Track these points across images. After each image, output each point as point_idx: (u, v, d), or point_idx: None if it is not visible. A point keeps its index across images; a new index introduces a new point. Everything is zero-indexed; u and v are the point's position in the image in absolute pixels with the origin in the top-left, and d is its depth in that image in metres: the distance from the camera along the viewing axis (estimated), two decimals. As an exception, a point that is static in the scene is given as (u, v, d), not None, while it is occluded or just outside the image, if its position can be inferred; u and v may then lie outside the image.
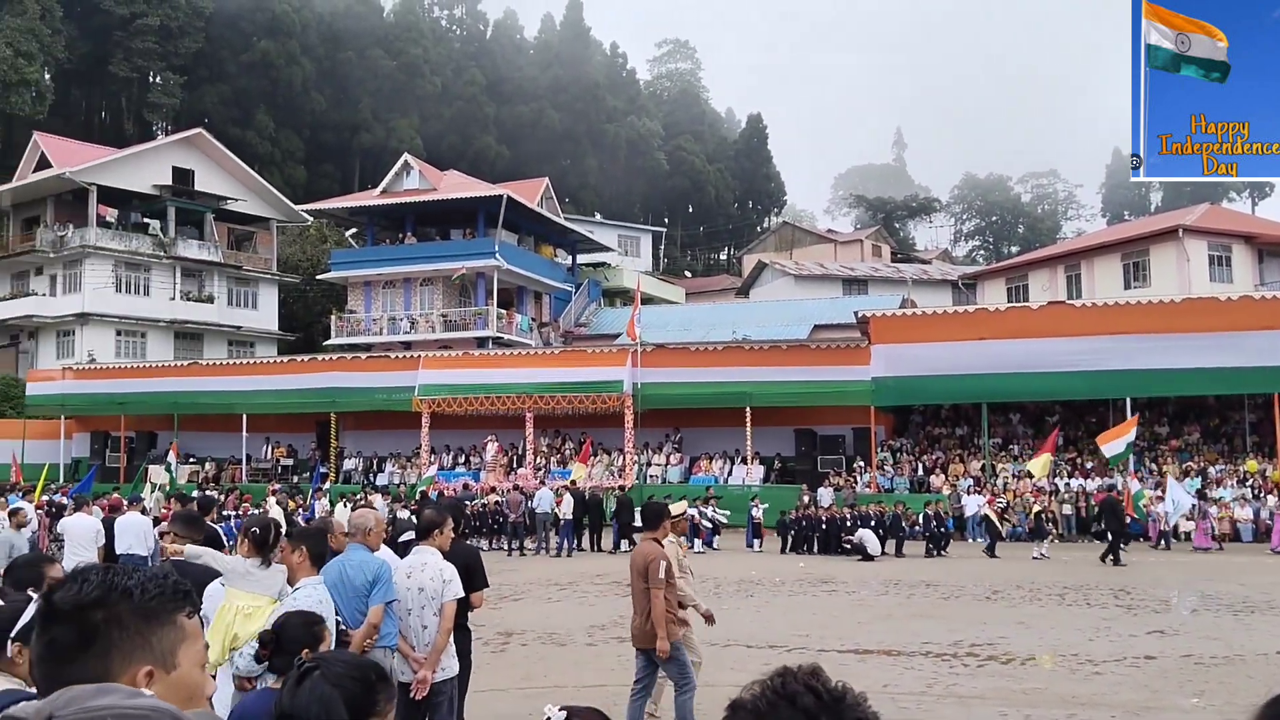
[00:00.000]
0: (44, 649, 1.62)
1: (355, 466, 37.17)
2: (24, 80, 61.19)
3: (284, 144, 76.00)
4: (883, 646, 12.71)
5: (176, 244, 47.73)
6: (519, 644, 13.10)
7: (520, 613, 15.83)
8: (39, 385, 41.55)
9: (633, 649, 8.06)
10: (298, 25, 75.90)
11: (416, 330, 45.41)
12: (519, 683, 10.78)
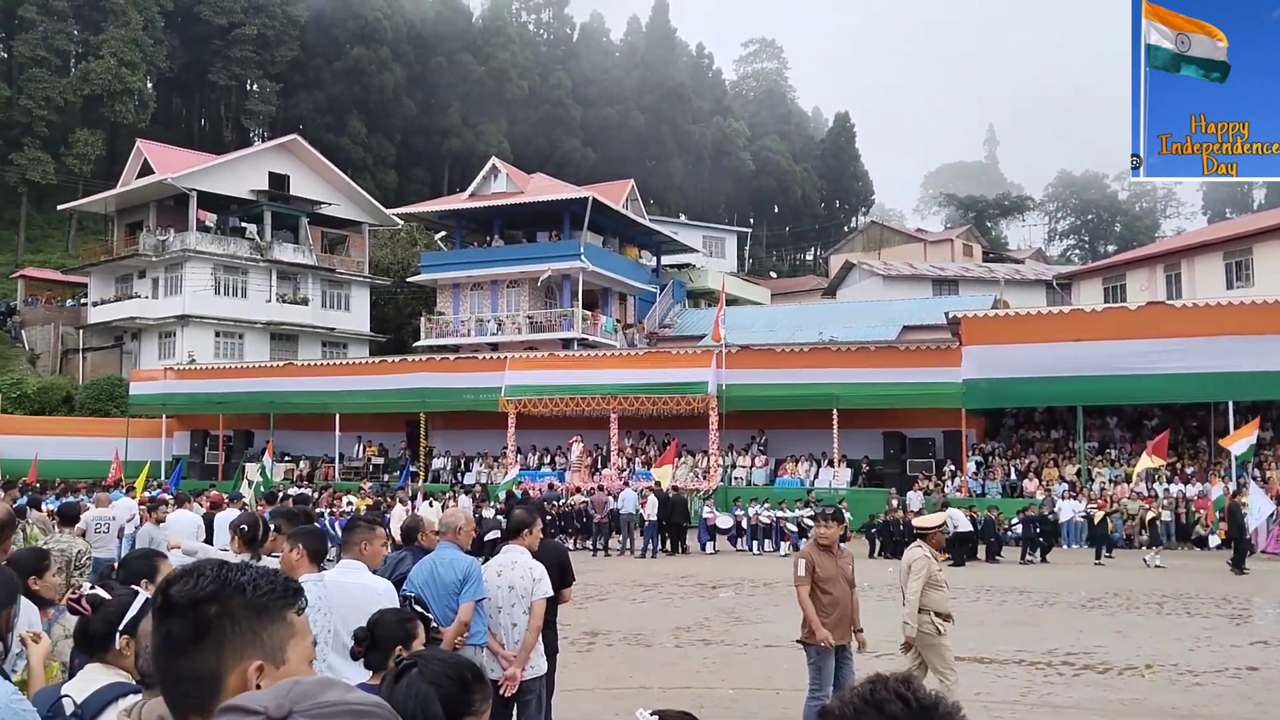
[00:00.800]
0: (160, 641, 1.67)
1: (444, 466, 37.68)
2: (127, 89, 63.44)
3: (376, 149, 77.54)
4: (974, 653, 12.45)
5: (273, 247, 48.95)
6: (604, 644, 13.14)
7: (605, 613, 15.87)
8: (142, 385, 42.94)
9: (718, 651, 8.04)
10: (388, 32, 77.33)
11: (503, 331, 45.90)
12: (605, 683, 10.81)
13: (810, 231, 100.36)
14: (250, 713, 1.29)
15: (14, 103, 60.30)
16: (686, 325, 49.46)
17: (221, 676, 1.61)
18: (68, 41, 65.36)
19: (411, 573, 6.30)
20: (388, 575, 5.98)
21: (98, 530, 13.76)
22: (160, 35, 67.32)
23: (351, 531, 5.61)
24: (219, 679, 1.61)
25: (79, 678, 3.21)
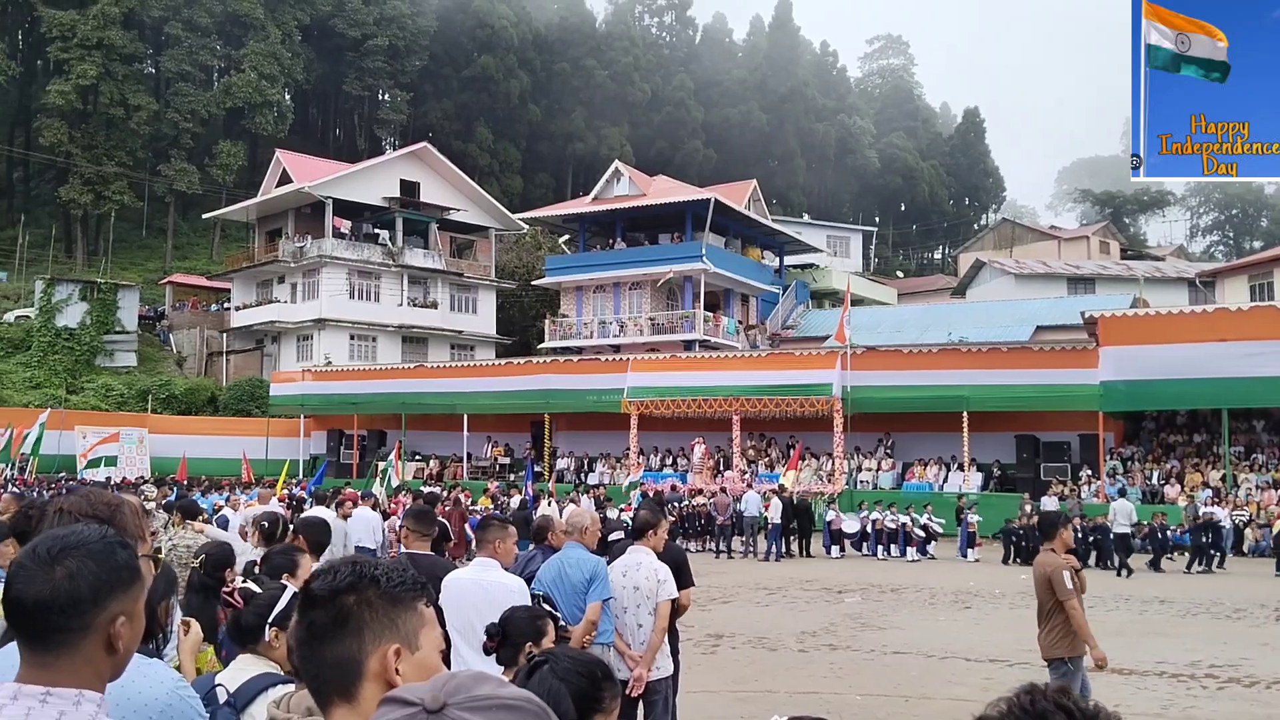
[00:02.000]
0: (304, 631, 1.78)
1: (567, 466, 38.10)
2: (267, 102, 66.05)
3: (502, 155, 79.01)
4: (1113, 664, 11.99)
5: (404, 253, 50.28)
6: (729, 647, 13.09)
7: (729, 615, 15.82)
8: (281, 386, 44.59)
9: (845, 657, 7.91)
10: (514, 39, 78.67)
11: (625, 333, 46.18)
12: (730, 685, 10.77)
13: (938, 229, 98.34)
14: (408, 704, 1.34)
15: (162, 116, 63.35)
16: (810, 326, 48.96)
17: (362, 661, 1.72)
18: (211, 57, 68.37)
19: (540, 571, 6.38)
20: (518, 573, 6.06)
21: (254, 528, 14.29)
22: (297, 49, 69.89)
23: (485, 530, 5.71)
24: (359, 663, 1.72)
25: (231, 667, 3.34)
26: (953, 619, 15.93)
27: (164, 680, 2.35)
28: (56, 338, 47.53)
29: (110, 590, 1.82)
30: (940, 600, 17.97)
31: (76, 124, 60.65)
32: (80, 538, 1.86)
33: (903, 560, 25.31)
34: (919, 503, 27.50)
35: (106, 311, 49.14)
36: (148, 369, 49.80)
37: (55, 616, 1.78)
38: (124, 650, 1.86)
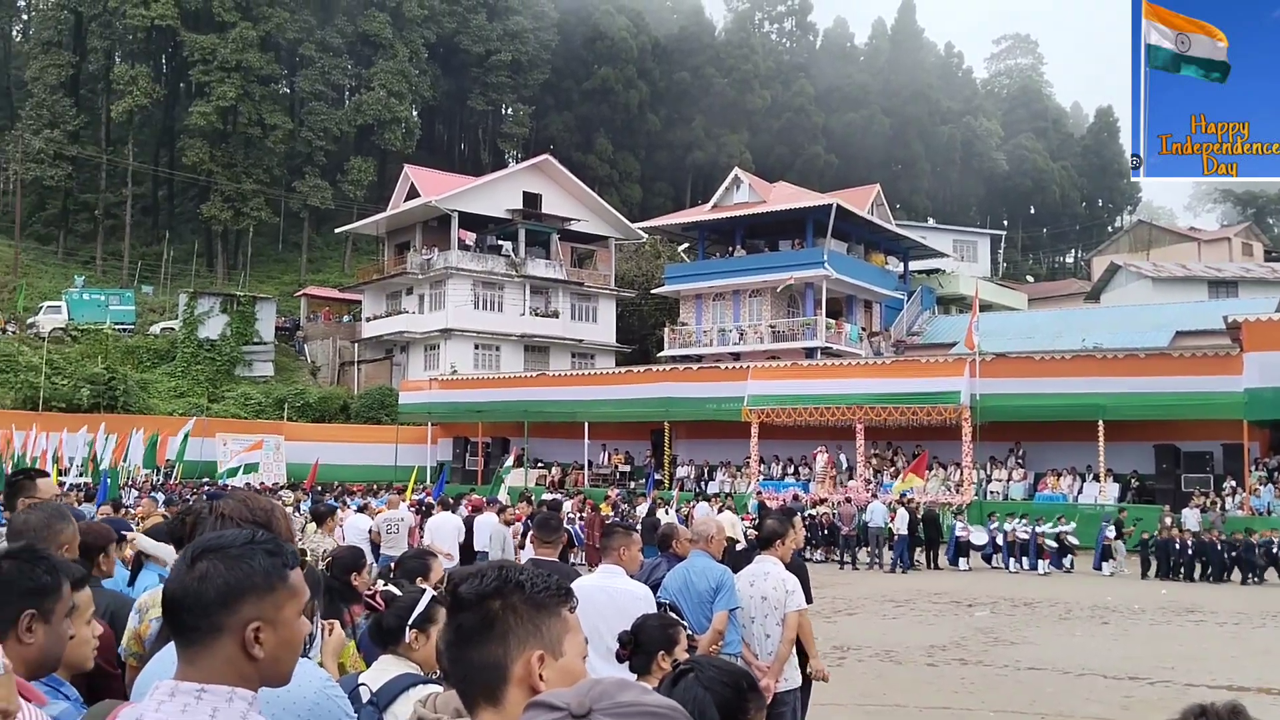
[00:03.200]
0: (452, 634, 1.82)
1: (688, 474, 38.07)
2: (395, 118, 67.96)
3: (621, 165, 79.63)
4: (1262, 684, 11.40)
5: (526, 263, 51.07)
6: (855, 659, 12.87)
7: (856, 628, 15.56)
8: (410, 394, 45.69)
9: (977, 672, 7.68)
10: (634, 50, 79.26)
11: (745, 341, 45.96)
12: (857, 699, 10.57)
13: (1070, 232, 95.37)
14: (554, 709, 1.34)
15: (296, 134, 65.77)
16: (936, 333, 47.96)
17: (507, 665, 1.75)
18: (343, 76, 70.70)
19: (665, 579, 6.36)
20: (643, 580, 6.05)
21: (388, 531, 14.67)
22: (424, 66, 71.73)
23: (610, 537, 5.72)
24: (505, 668, 1.75)
25: (373, 668, 3.41)
26: (1089, 634, 15.36)
27: (313, 679, 2.39)
28: (199, 349, 49.66)
29: (239, 594, 1.84)
30: (1076, 615, 17.35)
31: (217, 143, 63.42)
32: (223, 541, 1.90)
33: (1034, 573, 24.54)
34: (1052, 514, 26.64)
35: (245, 323, 51.15)
36: (284, 378, 51.64)
37: (185, 615, 1.84)
38: (266, 656, 1.85)
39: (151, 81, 64.01)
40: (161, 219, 71.15)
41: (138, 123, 66.05)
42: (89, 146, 65.24)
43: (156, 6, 60.70)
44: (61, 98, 63.70)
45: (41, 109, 62.80)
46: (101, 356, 45.91)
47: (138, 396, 43.72)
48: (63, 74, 63.99)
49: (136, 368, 47.33)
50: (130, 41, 66.63)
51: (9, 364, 43.16)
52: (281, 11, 64.84)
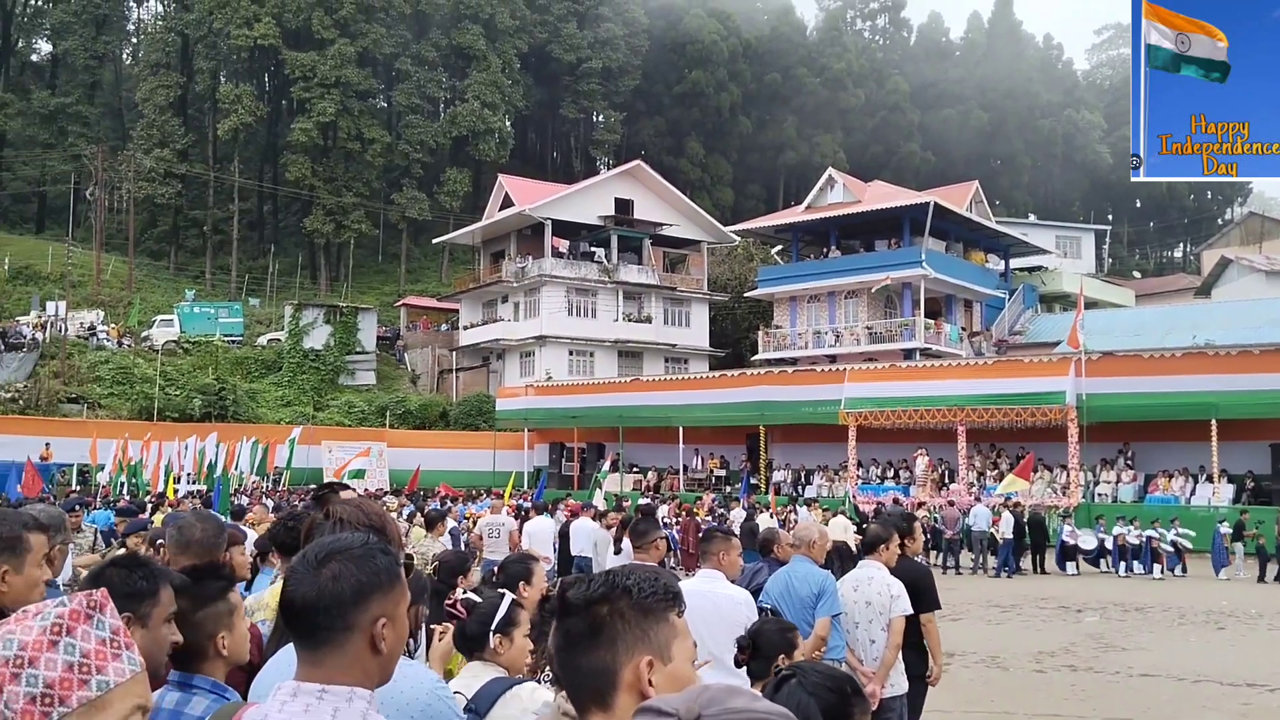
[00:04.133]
0: (561, 639, 1.84)
1: (784, 478, 37.78)
2: (489, 129, 68.96)
3: (713, 168, 79.53)
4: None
5: (619, 269, 51.30)
6: (961, 666, 12.61)
7: (960, 633, 15.25)
8: (506, 401, 46.25)
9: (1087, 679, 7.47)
10: (725, 53, 79.10)
11: (841, 343, 45.45)
12: (964, 706, 10.37)
13: (1178, 226, 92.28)
14: (663, 714, 1.34)
15: (394, 148, 67.18)
16: (1039, 331, 46.81)
17: (616, 671, 1.75)
18: (438, 89, 71.99)
19: (767, 584, 6.32)
20: (744, 585, 6.02)
21: (490, 536, 14.87)
22: (516, 76, 72.64)
23: (709, 542, 5.70)
24: (614, 673, 1.75)
25: (463, 674, 3.46)
26: (1204, 640, 14.84)
27: (424, 681, 2.44)
28: (304, 359, 50.98)
29: (370, 592, 1.91)
30: (1190, 620, 16.76)
31: (318, 158, 65.14)
32: (344, 544, 1.97)
33: (1146, 577, 23.77)
34: (1164, 517, 25.77)
35: (348, 333, 52.37)
36: (385, 386, 52.71)
37: (321, 616, 1.89)
38: (388, 651, 1.93)
39: (255, 100, 66.02)
40: (267, 233, 73.31)
41: (243, 140, 68.15)
42: (197, 164, 67.57)
43: (259, 26, 62.64)
44: (170, 118, 66.11)
45: (152, 129, 65.26)
46: (212, 367, 47.47)
47: (246, 406, 45.07)
48: (171, 95, 66.39)
49: (245, 378, 48.80)
50: (234, 61, 68.84)
51: (125, 376, 44.89)
52: (378, 27, 66.31)
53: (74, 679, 1.43)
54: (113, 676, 1.47)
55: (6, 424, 38.06)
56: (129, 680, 1.49)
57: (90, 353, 46.99)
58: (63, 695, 1.42)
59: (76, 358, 45.97)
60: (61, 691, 1.42)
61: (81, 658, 1.44)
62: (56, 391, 42.83)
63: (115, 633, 1.50)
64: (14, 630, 1.44)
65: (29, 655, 1.42)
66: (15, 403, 41.32)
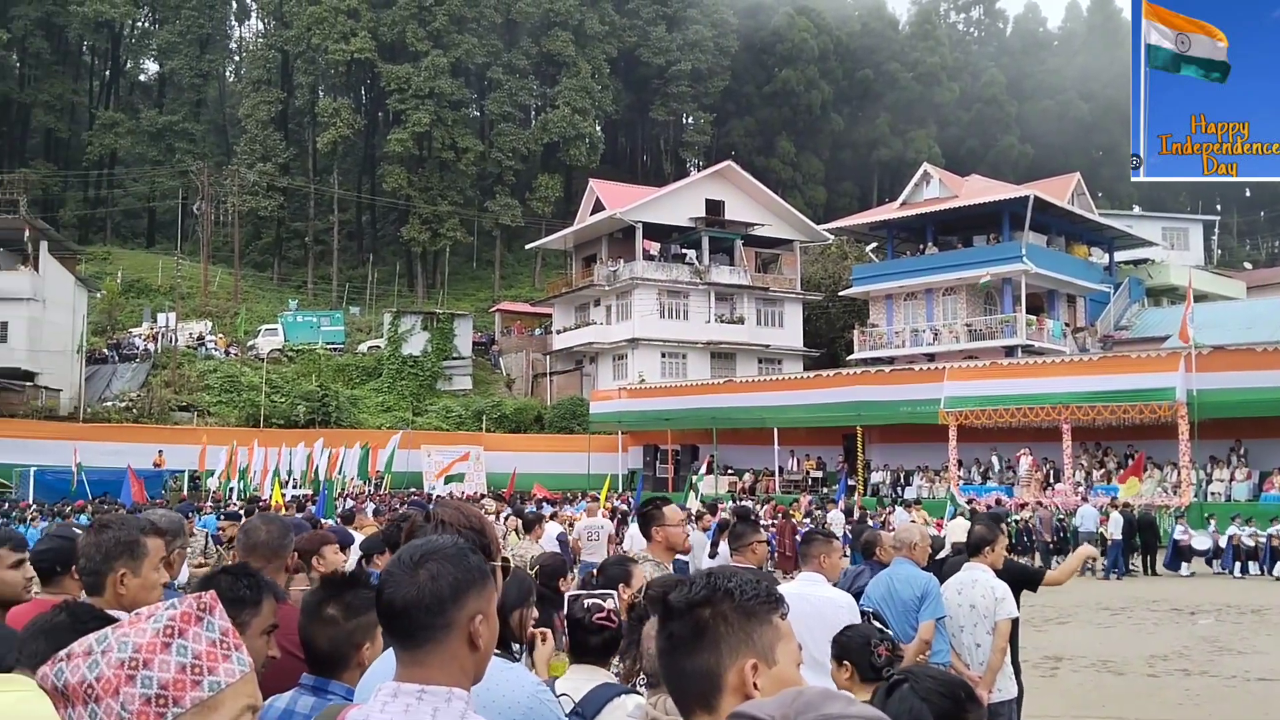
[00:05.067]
0: (664, 642, 1.84)
1: (882, 479, 37.27)
2: (579, 134, 69.51)
3: (804, 167, 78.94)
4: None
5: (710, 271, 51.18)
6: (1070, 670, 12.28)
7: (1069, 637, 14.86)
8: (600, 404, 46.51)
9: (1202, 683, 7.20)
10: (815, 51, 78.51)
11: (940, 341, 44.65)
12: (1075, 711, 10.08)
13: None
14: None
15: (486, 156, 68.13)
16: (1146, 326, 45.37)
17: (720, 674, 1.75)
18: (529, 96, 72.82)
19: (868, 587, 6.22)
20: (845, 588, 5.93)
21: (589, 538, 14.96)
22: (606, 81, 73.11)
23: (809, 544, 5.63)
24: (718, 676, 1.75)
25: (569, 677, 3.45)
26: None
27: (525, 684, 2.44)
28: (403, 365, 51.96)
29: (467, 589, 1.95)
30: (1315, 625, 16.06)
31: (414, 168, 66.41)
32: (436, 545, 2.01)
33: (1266, 579, 22.84)
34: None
35: (445, 339, 53.22)
36: (481, 391, 53.45)
37: (422, 615, 1.93)
38: (484, 648, 1.97)
39: (352, 113, 67.60)
40: (366, 243, 74.97)
41: (341, 152, 69.80)
42: (298, 177, 69.46)
43: (355, 41, 64.16)
44: (272, 132, 68.08)
45: (254, 144, 67.29)
46: (315, 375, 48.71)
47: (348, 412, 46.12)
48: (272, 110, 68.37)
49: (346, 384, 49.94)
50: (332, 76, 70.55)
51: (233, 384, 46.32)
52: (470, 38, 67.34)
53: (187, 680, 1.45)
54: (224, 677, 1.49)
55: (122, 432, 39.59)
56: (239, 680, 1.51)
57: (199, 362, 48.60)
58: (176, 696, 1.44)
59: (186, 367, 47.60)
60: (175, 692, 1.44)
61: (193, 659, 1.47)
62: (168, 400, 44.39)
63: (225, 634, 1.52)
64: (128, 633, 1.47)
65: (143, 657, 1.44)
66: (130, 411, 42.95)
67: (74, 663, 1.46)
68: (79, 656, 1.46)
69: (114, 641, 1.46)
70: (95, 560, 3.20)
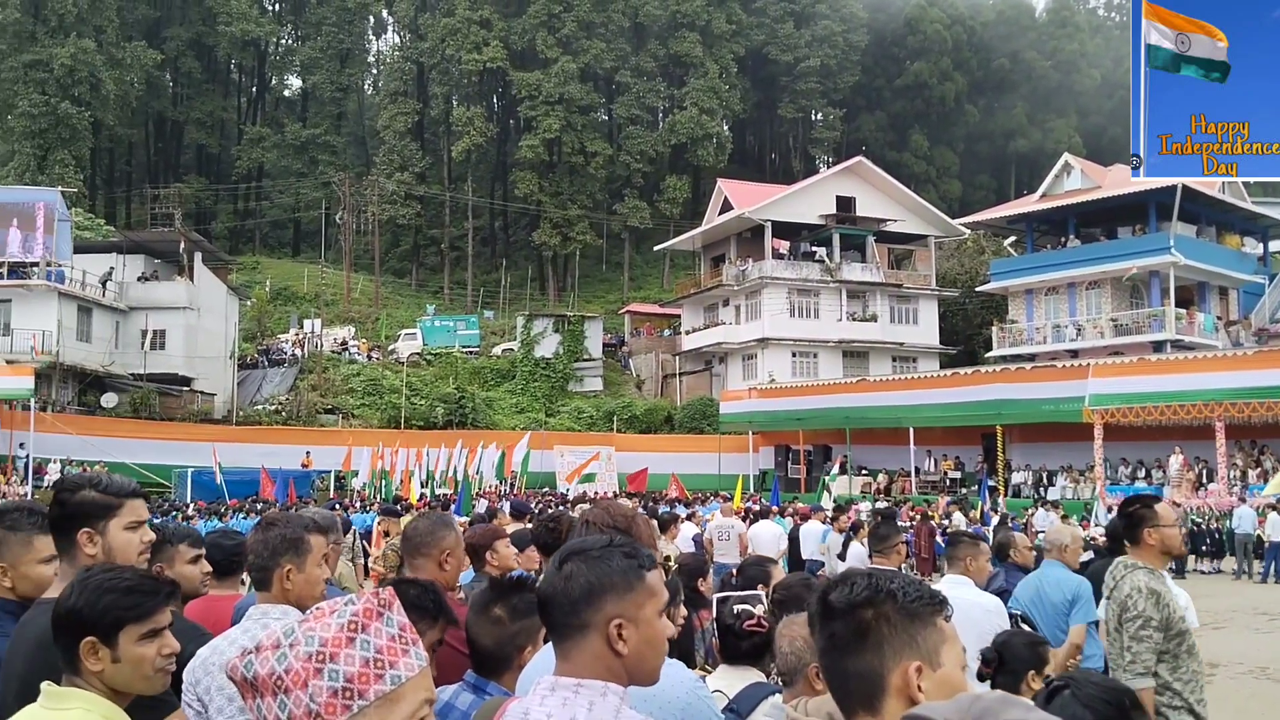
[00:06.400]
0: (825, 642, 1.83)
1: (1024, 480, 36.21)
2: (707, 135, 69.53)
3: (938, 160, 77.28)
4: None
5: (841, 268, 50.53)
6: (1226, 677, 11.75)
7: (1225, 642, 14.19)
8: (730, 404, 46.41)
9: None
10: (949, 42, 76.81)
11: (1083, 337, 43.11)
12: (1234, 719, 9.64)
13: None
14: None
15: (615, 159, 68.71)
16: (1306, 319, 42.97)
17: (884, 676, 1.74)
18: (656, 98, 73.14)
19: (1016, 590, 6.07)
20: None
21: (720, 538, 14.98)
22: (734, 80, 72.92)
23: (956, 546, 5.53)
24: (881, 678, 1.74)
25: (720, 675, 3.47)
26: None
27: (683, 680, 2.48)
28: (536, 367, 52.81)
29: (602, 592, 1.95)
30: None
31: (544, 174, 67.47)
32: (584, 544, 2.05)
33: None
34: None
35: (575, 341, 53.87)
36: (612, 392, 53.92)
37: (555, 612, 1.97)
38: (630, 653, 1.95)
39: (485, 121, 69.06)
40: (499, 248, 76.47)
41: (475, 160, 71.37)
42: (434, 185, 71.29)
43: (488, 50, 65.56)
44: (409, 142, 70.09)
45: (392, 154, 69.38)
46: (452, 378, 49.91)
47: (484, 413, 47.12)
48: (409, 121, 70.39)
49: (482, 387, 51.01)
50: (465, 85, 72.19)
51: (375, 387, 47.85)
52: (598, 43, 68.02)
53: (370, 673, 1.53)
54: (404, 671, 1.56)
55: (273, 434, 41.31)
56: (418, 674, 1.58)
57: (343, 366, 50.36)
58: (361, 689, 1.51)
59: (331, 371, 49.37)
60: (360, 685, 1.51)
61: (376, 653, 1.54)
62: (314, 403, 46.12)
63: (403, 629, 1.59)
64: (314, 627, 1.55)
65: (329, 650, 1.52)
66: (279, 414, 44.79)
67: (263, 655, 1.55)
68: (268, 649, 1.55)
69: (301, 635, 1.54)
70: (263, 557, 3.35)
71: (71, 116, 60.13)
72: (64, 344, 38.48)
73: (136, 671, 2.43)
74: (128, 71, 65.26)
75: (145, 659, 2.43)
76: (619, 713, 1.90)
